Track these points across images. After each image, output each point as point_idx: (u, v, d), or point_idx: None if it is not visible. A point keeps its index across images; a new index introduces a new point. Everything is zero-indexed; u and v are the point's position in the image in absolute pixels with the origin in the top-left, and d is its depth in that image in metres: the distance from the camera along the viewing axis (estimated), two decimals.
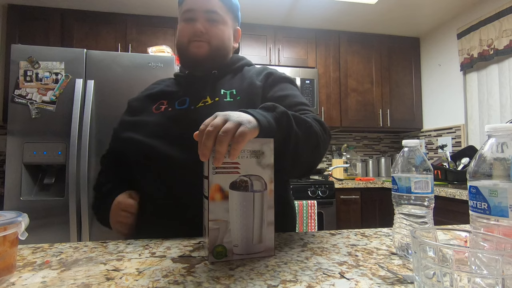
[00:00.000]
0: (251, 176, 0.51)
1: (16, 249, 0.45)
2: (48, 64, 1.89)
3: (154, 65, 2.02)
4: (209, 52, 0.83)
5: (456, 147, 2.71)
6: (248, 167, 0.51)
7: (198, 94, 0.83)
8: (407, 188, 0.52)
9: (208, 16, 0.83)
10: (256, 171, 0.51)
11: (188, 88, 0.86)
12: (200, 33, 0.82)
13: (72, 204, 1.81)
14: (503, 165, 0.42)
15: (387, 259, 0.52)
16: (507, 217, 0.40)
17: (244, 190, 0.51)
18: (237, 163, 0.50)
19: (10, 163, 1.83)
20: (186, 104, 0.82)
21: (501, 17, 2.28)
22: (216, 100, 0.80)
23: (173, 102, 0.84)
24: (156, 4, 2.56)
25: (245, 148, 0.50)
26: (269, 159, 0.52)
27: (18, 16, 2.47)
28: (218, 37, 0.84)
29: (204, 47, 0.83)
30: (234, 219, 0.51)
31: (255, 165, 0.51)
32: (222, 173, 0.50)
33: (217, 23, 0.84)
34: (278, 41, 2.89)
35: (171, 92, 0.87)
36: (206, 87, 0.85)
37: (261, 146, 0.51)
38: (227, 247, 0.51)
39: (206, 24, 0.83)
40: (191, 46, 0.83)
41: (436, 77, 2.99)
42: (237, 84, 0.86)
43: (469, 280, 0.31)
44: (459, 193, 1.80)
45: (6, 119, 1.89)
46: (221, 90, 0.83)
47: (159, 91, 0.90)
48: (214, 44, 0.83)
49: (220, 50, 0.85)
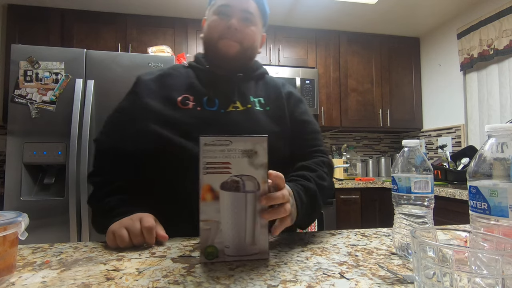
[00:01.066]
0: (243, 176, 0.49)
1: (16, 249, 0.45)
2: (48, 64, 1.89)
3: (154, 65, 2.02)
4: (239, 52, 0.81)
5: (456, 147, 2.71)
6: (240, 167, 0.49)
7: (227, 97, 0.81)
8: (407, 188, 0.52)
9: (243, 15, 0.81)
10: (249, 171, 0.50)
11: (215, 87, 0.82)
12: (234, 30, 0.79)
13: (72, 204, 1.81)
14: (503, 165, 0.42)
15: (387, 259, 0.52)
16: (507, 217, 0.40)
17: (236, 191, 0.49)
18: (228, 162, 0.49)
19: (10, 163, 1.83)
20: (216, 106, 0.79)
21: (501, 17, 2.28)
22: (248, 107, 0.80)
23: (200, 99, 0.80)
24: (156, 4, 2.56)
25: (236, 148, 0.49)
26: (262, 158, 0.50)
27: (18, 16, 2.47)
28: (250, 38, 0.82)
29: (235, 47, 0.80)
30: (225, 220, 0.50)
31: (248, 165, 0.49)
32: (213, 173, 0.49)
33: (251, 24, 0.82)
34: (278, 41, 2.89)
35: (197, 87, 0.82)
36: (233, 90, 0.83)
37: (254, 145, 0.50)
38: (219, 247, 0.50)
39: (240, 23, 0.80)
40: (221, 43, 0.80)
41: (436, 77, 2.99)
42: (263, 92, 0.86)
43: (469, 280, 0.31)
44: (459, 193, 1.80)
45: (6, 119, 1.89)
46: (250, 97, 0.83)
47: (183, 81, 0.83)
48: (245, 45, 0.81)
49: (248, 52, 0.84)
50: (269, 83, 0.90)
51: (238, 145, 0.49)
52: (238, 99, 0.81)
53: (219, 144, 0.49)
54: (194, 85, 0.82)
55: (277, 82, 0.90)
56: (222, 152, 0.49)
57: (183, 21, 2.74)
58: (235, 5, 0.80)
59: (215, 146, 0.49)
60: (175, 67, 0.90)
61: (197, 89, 0.81)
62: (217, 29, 0.81)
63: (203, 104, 0.79)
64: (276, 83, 0.90)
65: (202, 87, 0.82)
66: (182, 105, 0.78)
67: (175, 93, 0.80)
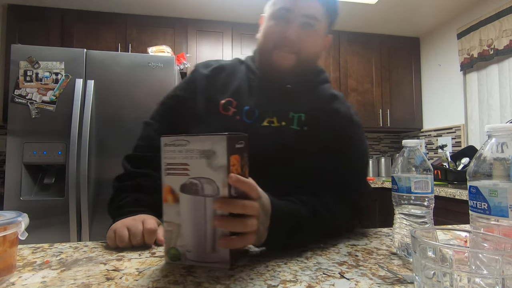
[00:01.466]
0: (201, 179, 0.46)
1: (16, 249, 0.45)
2: (48, 64, 1.89)
3: (154, 65, 2.02)
4: (295, 65, 0.73)
5: (456, 147, 2.71)
6: (198, 169, 0.46)
7: (267, 109, 0.75)
8: (407, 188, 0.52)
9: (305, 21, 0.71)
10: (207, 174, 0.45)
11: (259, 96, 0.76)
12: (291, 42, 0.71)
13: (72, 204, 1.81)
14: (503, 165, 0.42)
15: (387, 259, 0.52)
16: (507, 217, 0.40)
17: (195, 194, 0.46)
18: (186, 164, 0.46)
19: (10, 163, 1.83)
20: (253, 118, 0.74)
21: (501, 17, 2.28)
22: (283, 125, 0.73)
23: (242, 107, 0.75)
24: (156, 4, 2.56)
25: (194, 148, 0.46)
26: (221, 160, 0.45)
27: (18, 16, 2.47)
28: (310, 47, 0.73)
29: (290, 59, 0.72)
30: (185, 223, 0.48)
31: (206, 166, 0.45)
32: (173, 175, 0.47)
33: (312, 30, 0.72)
34: None
35: (243, 92, 0.77)
36: (276, 102, 0.76)
37: (212, 145, 0.45)
38: (180, 251, 0.48)
39: (300, 31, 0.71)
40: (275, 54, 0.73)
41: (436, 77, 2.99)
42: (308, 106, 0.76)
43: (469, 280, 0.31)
44: (459, 193, 1.80)
45: (6, 119, 1.89)
46: (290, 113, 0.75)
47: (232, 81, 0.79)
48: (303, 55, 0.73)
49: (307, 63, 0.76)
50: (319, 95, 0.79)
51: (196, 145, 0.46)
52: (276, 114, 0.75)
53: (178, 144, 0.47)
54: (241, 89, 0.78)
55: (326, 96, 0.79)
56: (181, 152, 0.46)
57: (183, 21, 2.74)
58: (297, 9, 0.71)
59: (174, 146, 0.47)
60: (234, 62, 0.85)
61: (242, 94, 0.77)
62: (272, 37, 0.73)
63: (242, 114, 0.75)
64: (325, 97, 0.79)
65: (247, 92, 0.77)
66: (224, 110, 0.75)
67: (220, 95, 0.77)
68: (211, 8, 2.63)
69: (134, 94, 1.98)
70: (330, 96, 0.79)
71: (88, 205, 1.84)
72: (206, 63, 0.87)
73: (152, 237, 0.58)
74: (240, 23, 2.84)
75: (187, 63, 2.48)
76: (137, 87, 1.99)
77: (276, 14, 0.73)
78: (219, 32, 2.81)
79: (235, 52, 2.81)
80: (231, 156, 0.46)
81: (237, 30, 2.84)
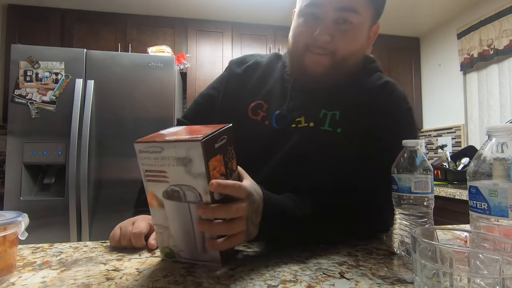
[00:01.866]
0: (182, 186, 0.44)
1: (16, 249, 0.45)
2: (48, 64, 1.89)
3: (154, 65, 2.02)
4: (330, 68, 0.64)
5: (456, 147, 2.71)
6: (177, 176, 0.43)
7: (298, 110, 0.68)
8: (407, 188, 0.52)
9: (340, 15, 0.61)
10: (187, 181, 0.43)
11: (293, 101, 0.70)
12: (323, 43, 0.62)
13: (72, 204, 1.81)
14: (503, 165, 0.42)
15: (387, 259, 0.52)
16: (507, 217, 0.40)
17: (177, 200, 0.45)
18: (164, 171, 0.43)
19: (10, 163, 1.83)
20: (283, 124, 0.68)
21: (501, 17, 2.28)
22: (311, 126, 0.66)
23: (272, 111, 0.70)
24: (156, 4, 2.56)
25: (169, 155, 0.42)
26: (199, 167, 0.41)
27: (18, 16, 2.47)
28: (347, 46, 0.63)
29: (324, 63, 0.64)
30: (174, 227, 0.47)
31: (185, 174, 0.42)
32: (153, 181, 0.45)
33: (350, 26, 0.62)
34: (278, 41, 2.89)
35: (275, 94, 0.72)
36: (307, 100, 0.68)
37: (187, 152, 0.41)
38: (174, 250, 0.49)
39: (334, 28, 0.62)
40: (307, 57, 0.65)
41: (436, 77, 2.99)
42: (345, 102, 0.66)
43: (469, 280, 0.31)
44: (459, 193, 1.80)
45: (6, 119, 1.89)
46: (322, 110, 0.66)
47: (266, 81, 0.74)
48: (339, 56, 0.63)
49: (346, 63, 0.65)
50: (362, 89, 0.67)
51: (170, 152, 0.42)
52: (304, 112, 0.67)
53: (152, 151, 0.43)
54: (274, 90, 0.72)
55: (372, 87, 0.67)
56: (156, 160, 0.43)
57: (183, 21, 2.74)
58: (328, 3, 0.61)
59: (148, 153, 0.43)
60: (271, 59, 0.78)
61: (274, 97, 0.71)
62: (302, 38, 0.65)
63: (272, 119, 0.69)
64: (370, 89, 0.67)
65: (280, 95, 0.71)
66: (253, 114, 0.71)
67: (250, 97, 0.73)
68: (211, 8, 2.63)
69: (134, 94, 1.98)
70: (378, 87, 0.68)
71: (88, 205, 1.84)
72: (241, 60, 0.81)
73: (138, 240, 0.56)
74: (240, 23, 2.84)
75: (187, 63, 2.48)
76: (137, 87, 1.99)
77: (305, 10, 0.64)
78: (219, 32, 2.81)
79: (235, 52, 2.81)
80: (211, 159, 0.43)
81: (237, 30, 2.84)
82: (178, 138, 0.43)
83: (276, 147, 0.68)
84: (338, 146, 0.64)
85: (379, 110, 0.65)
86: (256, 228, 0.50)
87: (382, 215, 0.62)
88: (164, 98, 2.03)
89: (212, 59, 2.77)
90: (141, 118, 1.96)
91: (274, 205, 0.52)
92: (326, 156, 0.64)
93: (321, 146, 0.65)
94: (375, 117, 0.65)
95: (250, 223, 0.48)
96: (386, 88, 0.68)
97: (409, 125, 0.67)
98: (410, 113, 0.68)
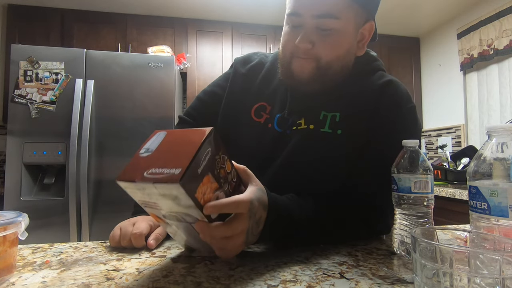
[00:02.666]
0: (177, 213, 0.43)
1: (16, 249, 0.45)
2: (48, 64, 1.89)
3: (154, 65, 2.02)
4: (315, 72, 0.65)
5: (456, 147, 2.71)
6: (169, 207, 0.42)
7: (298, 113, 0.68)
8: (407, 188, 0.52)
9: (318, 22, 0.61)
10: (180, 210, 0.42)
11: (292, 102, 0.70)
12: (303, 50, 0.63)
13: (72, 204, 1.81)
14: (503, 165, 0.42)
15: (387, 259, 0.52)
16: (507, 217, 0.40)
17: (178, 221, 0.46)
18: (155, 203, 0.43)
19: (10, 163, 1.83)
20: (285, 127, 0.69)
21: (501, 17, 2.28)
22: (310, 128, 0.66)
23: (274, 114, 0.70)
24: (156, 4, 2.56)
25: (153, 192, 0.40)
26: (186, 201, 0.40)
27: (18, 16, 2.47)
28: (330, 52, 0.63)
29: (309, 66, 0.64)
30: (186, 237, 0.50)
31: (176, 205, 0.41)
32: (149, 208, 0.45)
33: (330, 32, 0.62)
34: (278, 41, 2.88)
35: (279, 95, 0.72)
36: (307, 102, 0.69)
37: (170, 191, 0.39)
38: (195, 248, 0.54)
39: (314, 36, 0.62)
40: (293, 63, 0.66)
41: (436, 77, 2.99)
42: (345, 104, 0.66)
43: (469, 280, 0.31)
44: (459, 193, 1.80)
45: (6, 119, 1.89)
46: (322, 112, 0.66)
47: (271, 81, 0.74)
48: (323, 62, 0.64)
49: (331, 68, 0.65)
50: (363, 89, 0.67)
51: (153, 191, 0.40)
52: (304, 114, 0.67)
53: (136, 188, 0.41)
54: (277, 91, 0.73)
55: (374, 87, 0.67)
56: (144, 194, 0.42)
57: (183, 21, 2.74)
58: (305, 11, 0.61)
59: (134, 189, 0.42)
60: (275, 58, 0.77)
61: (278, 98, 0.72)
62: (288, 46, 0.66)
63: (274, 122, 0.69)
64: (372, 88, 0.67)
65: (283, 96, 0.71)
66: (256, 116, 0.71)
67: (254, 98, 0.73)
68: (211, 8, 2.63)
69: (134, 94, 1.98)
70: (380, 86, 0.67)
71: (88, 205, 1.84)
72: (246, 58, 0.81)
73: (138, 241, 0.56)
74: (240, 23, 2.84)
75: (187, 63, 2.48)
76: (137, 87, 1.99)
77: (287, 19, 0.67)
78: (219, 32, 2.81)
79: (235, 52, 2.81)
80: (197, 189, 0.40)
81: (237, 30, 2.84)
82: (155, 176, 0.39)
83: (278, 150, 0.68)
84: (339, 148, 0.64)
85: (381, 109, 0.64)
86: (255, 237, 0.50)
87: (384, 218, 0.62)
88: (164, 98, 2.03)
89: (212, 59, 2.77)
90: (141, 118, 1.96)
91: (279, 216, 0.52)
92: (327, 158, 0.64)
93: (321, 148, 0.65)
94: (377, 117, 0.64)
95: (250, 233, 0.48)
96: (389, 87, 0.67)
97: (412, 124, 0.66)
98: (414, 111, 0.67)
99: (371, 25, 0.68)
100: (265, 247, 0.58)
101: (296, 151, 0.66)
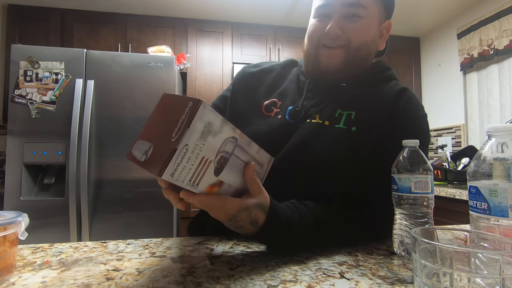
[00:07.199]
0: (219, 150, 0.43)
1: (16, 249, 0.45)
2: (48, 64, 1.89)
3: (154, 65, 2.02)
4: (345, 61, 0.67)
5: (456, 147, 2.71)
6: (210, 147, 0.42)
7: (313, 108, 0.69)
8: (407, 188, 0.52)
9: (347, 10, 0.65)
10: (217, 142, 0.43)
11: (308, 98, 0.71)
12: (334, 35, 0.65)
13: (72, 204, 1.81)
14: (503, 165, 0.42)
15: (387, 259, 0.52)
16: (507, 217, 0.40)
17: (226, 162, 0.45)
18: (202, 157, 0.41)
19: (10, 163, 1.83)
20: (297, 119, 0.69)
21: (501, 17, 2.28)
22: (326, 124, 0.66)
23: (285, 107, 0.71)
24: (156, 4, 2.56)
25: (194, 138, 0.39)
26: (215, 118, 0.42)
27: (18, 16, 2.47)
28: (359, 36, 0.66)
29: (338, 56, 0.66)
30: (233, 178, 0.48)
31: (212, 137, 0.42)
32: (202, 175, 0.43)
33: (359, 18, 0.65)
34: (278, 41, 2.89)
35: (290, 93, 0.73)
36: (324, 100, 0.69)
37: (201, 116, 0.40)
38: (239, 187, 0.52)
39: (343, 22, 0.65)
40: (320, 53, 0.68)
41: (436, 77, 2.99)
42: (362, 104, 0.67)
43: (469, 280, 0.31)
44: (459, 193, 1.80)
45: (6, 119, 1.89)
46: (338, 110, 0.67)
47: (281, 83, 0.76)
48: (353, 47, 0.66)
49: (359, 54, 0.67)
50: (380, 92, 0.69)
51: (192, 136, 0.39)
52: (319, 111, 0.68)
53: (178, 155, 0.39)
54: (288, 90, 0.74)
55: (392, 93, 0.69)
56: (190, 158, 0.40)
57: (183, 21, 2.74)
58: (335, 2, 0.65)
59: (174, 164, 0.39)
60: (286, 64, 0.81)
61: (288, 95, 0.73)
62: (315, 35, 0.69)
63: (285, 113, 0.70)
64: (390, 94, 0.68)
65: (294, 94, 0.73)
66: (266, 111, 0.73)
67: (264, 96, 0.75)
68: (211, 8, 2.63)
69: (134, 94, 1.98)
70: (396, 94, 0.69)
71: (88, 205, 1.84)
72: (256, 64, 0.85)
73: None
74: (240, 23, 2.84)
75: (187, 63, 2.48)
76: (137, 87, 1.99)
77: (317, 13, 0.69)
78: (219, 32, 2.81)
79: (235, 52, 2.81)
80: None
81: (237, 30, 2.84)
82: (183, 118, 0.39)
83: (287, 138, 0.67)
84: (352, 144, 0.64)
85: (396, 113, 0.66)
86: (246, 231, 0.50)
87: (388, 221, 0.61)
88: None
89: (212, 59, 2.77)
90: (141, 118, 1.96)
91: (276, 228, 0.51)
92: (337, 152, 0.64)
93: (333, 141, 0.64)
94: (392, 120, 0.65)
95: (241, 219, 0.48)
96: (404, 94, 0.70)
97: (425, 131, 0.68)
98: (426, 120, 0.70)
99: (390, 23, 0.73)
100: (265, 247, 0.58)
101: (306, 142, 0.65)
